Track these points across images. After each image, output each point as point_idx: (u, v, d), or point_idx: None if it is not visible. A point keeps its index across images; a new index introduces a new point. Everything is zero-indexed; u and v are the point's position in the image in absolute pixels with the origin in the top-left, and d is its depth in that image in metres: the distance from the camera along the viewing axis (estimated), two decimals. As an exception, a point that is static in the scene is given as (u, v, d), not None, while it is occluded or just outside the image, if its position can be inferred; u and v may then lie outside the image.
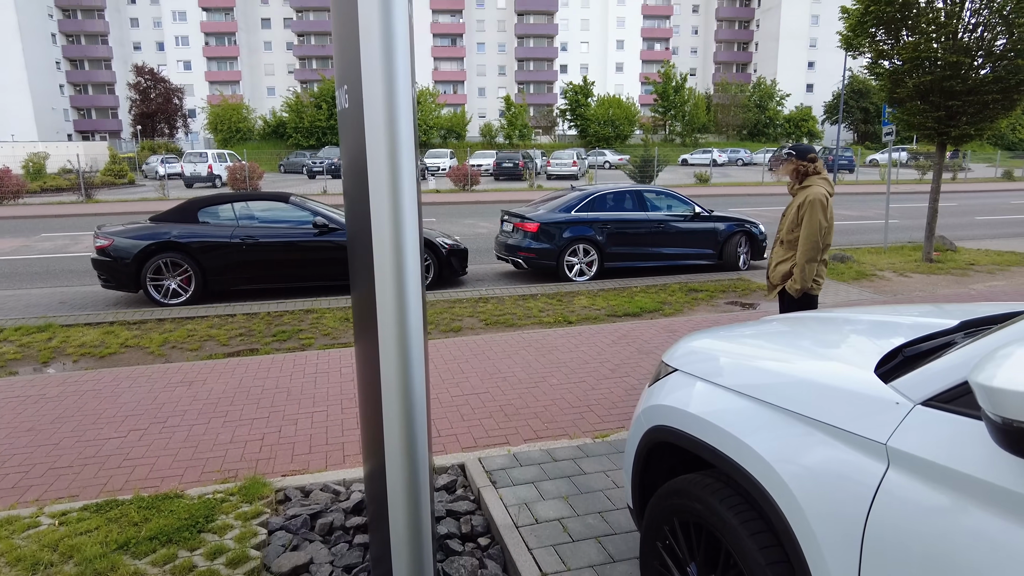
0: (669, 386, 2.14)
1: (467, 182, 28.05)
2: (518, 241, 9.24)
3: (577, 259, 9.23)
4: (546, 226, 9.05)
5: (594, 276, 9.29)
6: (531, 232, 9.08)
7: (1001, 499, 1.15)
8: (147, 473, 3.57)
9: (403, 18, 1.86)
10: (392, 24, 1.84)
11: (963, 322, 1.82)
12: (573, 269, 9.23)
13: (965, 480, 1.21)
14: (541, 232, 9.04)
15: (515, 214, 9.50)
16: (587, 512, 3.06)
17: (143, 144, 50.83)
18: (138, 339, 6.30)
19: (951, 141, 10.01)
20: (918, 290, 8.57)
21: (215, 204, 8.12)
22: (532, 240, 9.08)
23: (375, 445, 2.25)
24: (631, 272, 9.74)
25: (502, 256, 9.75)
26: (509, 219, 9.57)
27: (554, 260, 9.09)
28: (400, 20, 1.85)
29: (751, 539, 1.62)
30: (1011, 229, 15.93)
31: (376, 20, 1.83)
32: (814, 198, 4.14)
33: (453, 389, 4.84)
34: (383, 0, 1.82)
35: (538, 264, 9.18)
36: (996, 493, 1.16)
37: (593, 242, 9.22)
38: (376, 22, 1.83)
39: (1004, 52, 8.93)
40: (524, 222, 9.16)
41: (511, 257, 9.43)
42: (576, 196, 9.60)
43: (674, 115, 58.88)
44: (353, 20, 1.85)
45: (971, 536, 1.17)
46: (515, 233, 9.34)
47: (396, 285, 2.04)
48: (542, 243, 9.05)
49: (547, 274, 9.33)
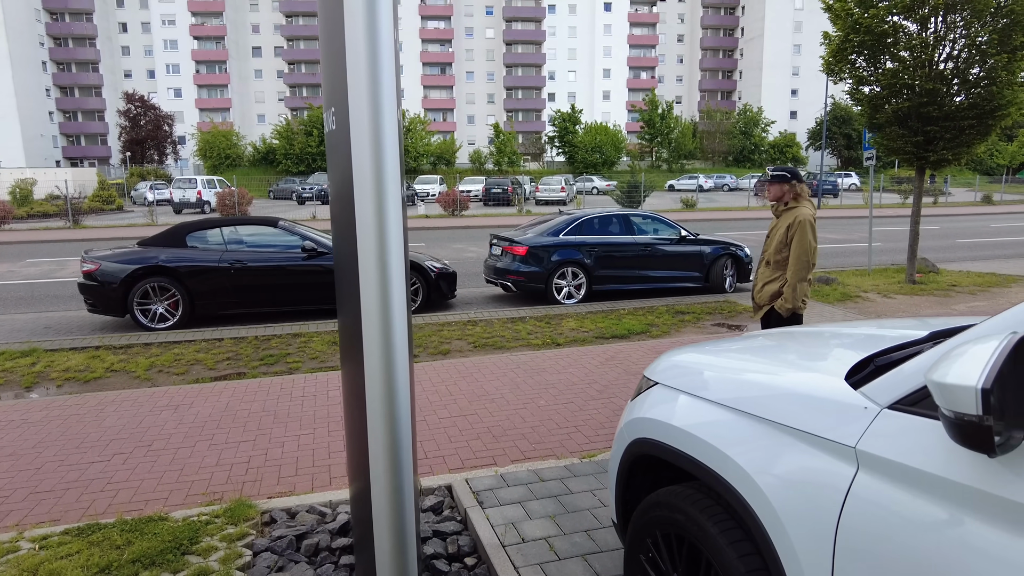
0: (651, 400, 2.17)
1: (456, 207, 28.21)
2: (507, 264, 9.30)
3: (566, 282, 9.29)
4: (534, 249, 9.12)
5: (582, 299, 9.35)
6: (520, 255, 9.12)
7: (960, 495, 1.20)
8: (131, 496, 3.54)
9: (389, 41, 1.92)
10: (378, 46, 1.90)
11: (932, 332, 1.87)
12: (562, 292, 9.28)
13: (928, 479, 1.25)
14: (530, 255, 9.09)
15: (504, 238, 9.58)
16: (574, 531, 3.06)
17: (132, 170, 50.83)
18: (124, 363, 6.26)
19: (930, 166, 10.23)
20: (902, 311, 8.68)
21: (203, 229, 8.14)
22: (521, 263, 9.13)
23: (360, 467, 2.26)
24: (619, 295, 9.82)
25: (491, 279, 9.80)
26: (498, 243, 9.65)
27: (543, 283, 9.14)
28: (386, 43, 1.91)
29: (730, 548, 1.64)
30: (991, 252, 16.21)
31: (362, 43, 1.89)
32: (803, 219, 4.23)
33: (441, 411, 4.84)
34: (369, 24, 1.89)
35: (527, 287, 9.21)
36: (955, 489, 1.20)
37: (581, 265, 9.30)
38: (362, 44, 1.89)
39: (978, 80, 9.19)
40: (513, 245, 9.22)
41: (500, 280, 9.46)
42: (564, 220, 9.69)
43: (660, 142, 59.71)
44: (340, 43, 1.91)
45: (935, 533, 1.21)
46: (504, 256, 9.40)
47: (382, 308, 2.07)
48: (531, 266, 9.11)
49: (536, 297, 9.38)
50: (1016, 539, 1.10)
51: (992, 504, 1.15)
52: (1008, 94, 9.02)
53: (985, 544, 1.14)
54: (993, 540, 1.13)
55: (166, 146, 57.82)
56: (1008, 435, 1.11)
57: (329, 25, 1.97)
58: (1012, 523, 1.11)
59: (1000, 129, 9.91)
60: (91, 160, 69.02)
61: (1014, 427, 1.11)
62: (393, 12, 1.95)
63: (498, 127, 57.26)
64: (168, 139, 57.81)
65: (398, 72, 2.00)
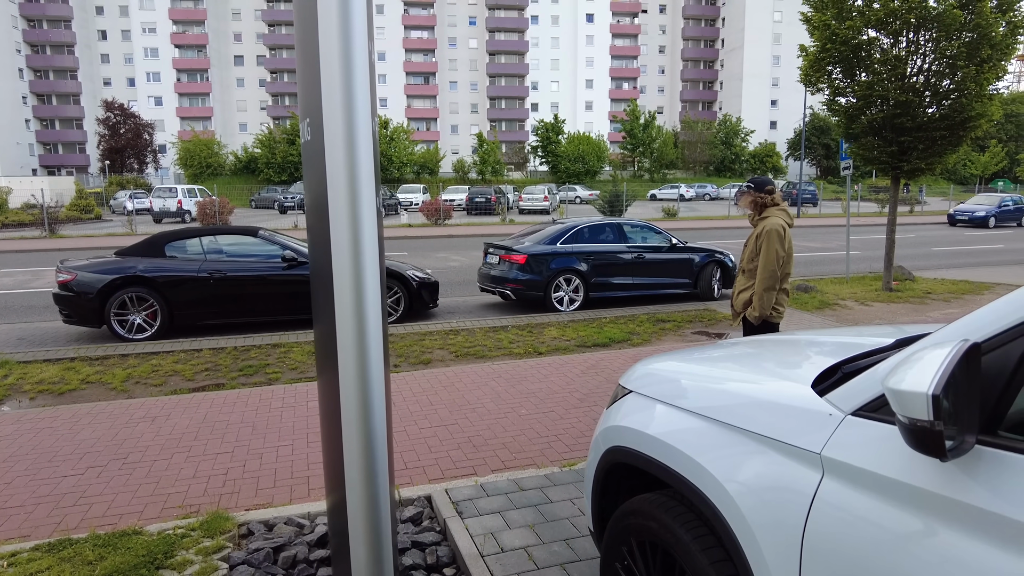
0: (625, 408, 2.19)
1: (440, 216, 28.21)
2: (505, 273, 9.34)
3: (563, 290, 9.38)
4: (533, 258, 9.21)
5: (580, 306, 9.43)
6: (519, 264, 9.18)
7: (919, 499, 1.23)
8: (104, 511, 3.48)
9: (363, 52, 1.94)
10: (352, 57, 1.92)
11: (898, 340, 1.91)
12: (560, 300, 9.36)
13: (889, 483, 1.28)
14: (528, 264, 9.18)
15: (501, 246, 9.63)
16: (553, 540, 3.06)
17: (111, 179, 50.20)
18: (100, 375, 6.17)
19: (904, 175, 10.42)
20: (879, 318, 8.81)
21: (183, 238, 8.06)
22: (519, 271, 9.19)
23: (337, 478, 2.25)
24: (614, 302, 9.89)
25: (487, 288, 9.83)
26: (494, 251, 9.68)
27: (541, 291, 9.22)
28: (360, 53, 1.93)
29: (702, 554, 1.66)
30: (964, 259, 16.52)
31: (336, 54, 1.90)
32: (771, 228, 4.29)
33: (422, 421, 4.83)
34: (343, 35, 1.90)
35: (526, 295, 9.26)
36: (915, 494, 1.23)
37: (578, 273, 9.40)
38: (336, 55, 1.90)
39: (948, 92, 9.40)
40: (511, 254, 9.26)
41: (498, 288, 9.49)
42: (560, 228, 9.80)
43: (642, 152, 60.20)
44: (314, 53, 1.92)
45: (897, 537, 1.24)
46: (501, 265, 9.45)
47: (356, 319, 2.07)
48: (529, 274, 9.19)
49: (534, 304, 9.42)
50: (971, 541, 1.13)
51: (949, 507, 1.18)
52: (977, 106, 9.23)
53: (943, 547, 1.17)
54: (950, 543, 1.16)
55: (146, 155, 57.18)
56: (960, 439, 1.14)
57: (303, 36, 1.98)
58: (967, 526, 1.14)
59: (971, 140, 10.14)
60: (69, 169, 68.08)
61: (966, 432, 1.15)
62: (368, 23, 1.97)
63: (482, 136, 57.40)
64: (148, 148, 57.18)
65: (373, 83, 2.01)
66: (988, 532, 1.11)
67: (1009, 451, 1.15)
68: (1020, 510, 1.08)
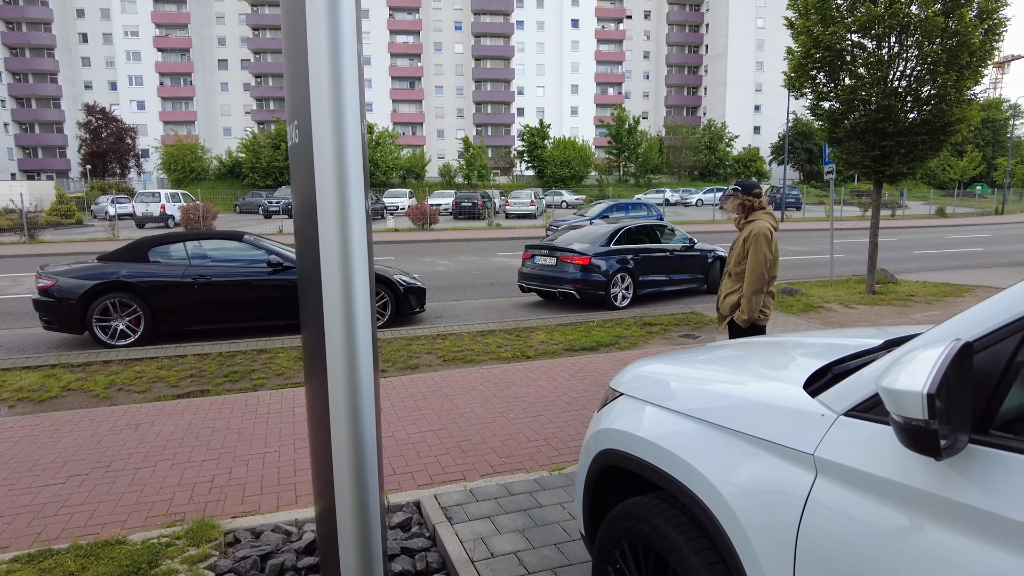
0: (616, 411, 2.19)
1: (426, 221, 28.17)
2: (566, 273, 9.86)
3: (619, 287, 9.94)
4: (595, 259, 9.77)
5: (629, 303, 10.10)
6: (582, 264, 9.74)
7: (913, 499, 1.23)
8: (87, 520, 3.42)
9: (352, 55, 1.92)
10: (341, 60, 1.90)
11: (887, 340, 1.92)
12: (617, 297, 9.92)
13: (882, 483, 1.29)
14: (592, 264, 9.72)
15: (560, 248, 10.12)
16: (543, 544, 3.05)
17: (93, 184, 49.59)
18: (82, 382, 6.07)
19: (887, 179, 10.56)
20: (863, 321, 8.90)
21: (166, 243, 7.97)
22: (583, 272, 9.73)
23: (325, 484, 2.22)
24: (655, 297, 10.76)
25: (535, 287, 10.41)
26: (551, 253, 10.18)
27: (603, 290, 9.76)
28: (349, 56, 1.91)
29: (695, 557, 1.66)
30: (946, 262, 16.76)
31: (325, 56, 1.89)
32: (758, 232, 4.31)
33: (410, 426, 4.80)
34: (332, 37, 1.88)
35: (589, 294, 9.77)
36: (908, 493, 1.24)
37: (629, 271, 10.06)
38: (325, 58, 1.89)
39: (929, 97, 9.54)
40: (574, 256, 9.81)
41: (559, 288, 9.99)
42: (610, 229, 10.47)
43: (628, 156, 60.50)
44: (303, 56, 1.90)
45: (891, 537, 1.24)
46: (560, 265, 9.98)
47: (345, 323, 2.04)
48: (593, 274, 9.74)
49: (594, 302, 9.90)
50: (965, 540, 1.13)
51: (942, 506, 1.18)
52: (957, 111, 9.38)
53: (937, 546, 1.17)
54: (944, 542, 1.17)
55: (128, 159, 56.56)
56: (954, 438, 1.15)
57: (292, 39, 1.96)
58: (960, 525, 1.15)
59: (951, 145, 10.30)
60: (49, 173, 67.18)
61: (959, 430, 1.15)
62: (357, 26, 1.95)
63: (468, 141, 57.38)
64: (131, 152, 56.57)
65: (362, 85, 1.99)
66: (981, 531, 1.12)
67: (1001, 449, 1.15)
68: (1013, 508, 1.08)
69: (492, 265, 15.86)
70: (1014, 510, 1.08)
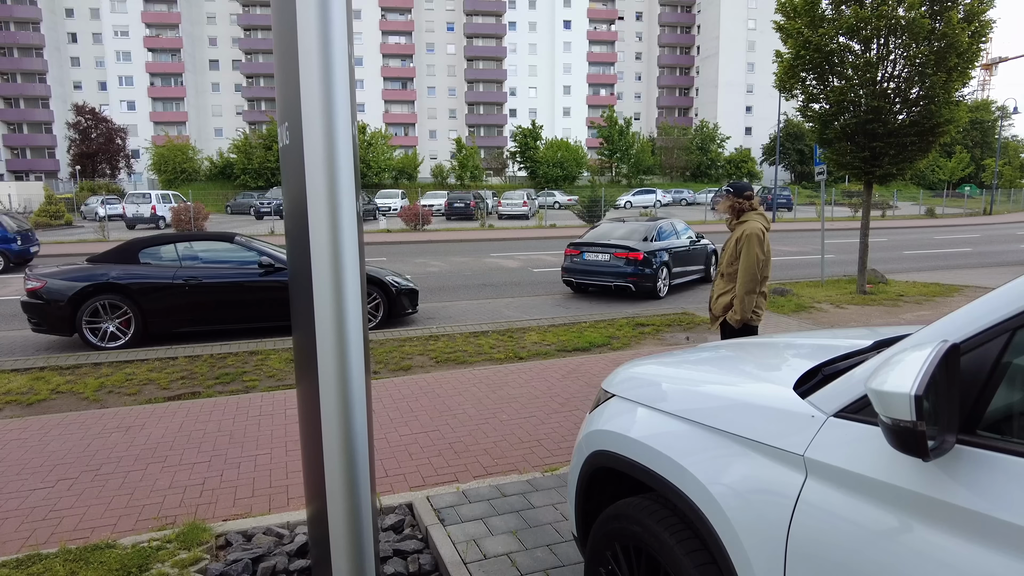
0: (608, 412, 2.19)
1: (418, 222, 28.11)
2: (621, 267, 10.91)
3: (661, 280, 11.12)
4: (648, 254, 10.89)
5: (666, 293, 11.35)
6: (637, 260, 10.82)
7: (902, 499, 1.24)
8: (76, 524, 3.39)
9: (343, 56, 1.92)
10: (331, 62, 1.90)
11: (876, 341, 1.94)
12: (659, 289, 11.06)
13: (871, 484, 1.30)
14: (645, 259, 10.82)
15: (613, 245, 11.08)
16: (536, 546, 3.05)
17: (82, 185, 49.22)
18: (71, 384, 6.02)
19: (876, 180, 10.62)
20: (853, 321, 8.96)
21: (157, 244, 7.93)
22: (638, 266, 10.80)
23: (317, 487, 2.22)
24: (681, 287, 12.05)
25: (587, 281, 11.33)
26: (605, 249, 11.11)
27: (653, 282, 10.92)
28: (340, 58, 1.91)
29: (687, 558, 1.66)
30: (935, 262, 16.88)
31: (315, 58, 1.88)
32: (751, 232, 4.33)
33: (402, 428, 4.79)
34: (323, 39, 1.88)
35: (643, 286, 10.88)
36: (897, 494, 1.25)
37: (667, 265, 11.24)
38: (315, 60, 1.88)
39: (918, 99, 9.61)
40: (631, 252, 10.89)
41: (615, 282, 10.96)
42: (652, 227, 11.69)
43: (620, 157, 60.62)
44: (293, 58, 1.90)
45: (880, 537, 1.25)
46: (615, 261, 11.00)
47: (336, 325, 2.04)
48: (646, 268, 10.82)
49: (646, 294, 10.97)
50: (952, 540, 1.14)
51: (930, 507, 1.19)
52: (945, 112, 9.45)
53: (926, 546, 1.18)
54: (932, 542, 1.17)
55: (119, 160, 56.13)
56: (942, 439, 1.16)
57: (282, 40, 1.96)
58: (948, 525, 1.16)
59: (940, 146, 10.37)
60: (38, 174, 66.58)
61: (947, 431, 1.16)
62: (348, 27, 1.95)
63: (460, 142, 57.32)
64: (121, 153, 56.14)
65: (353, 87, 1.99)
66: (969, 530, 1.13)
67: (988, 450, 1.16)
68: (999, 508, 1.09)
69: (485, 266, 15.85)
70: (1001, 510, 1.09)
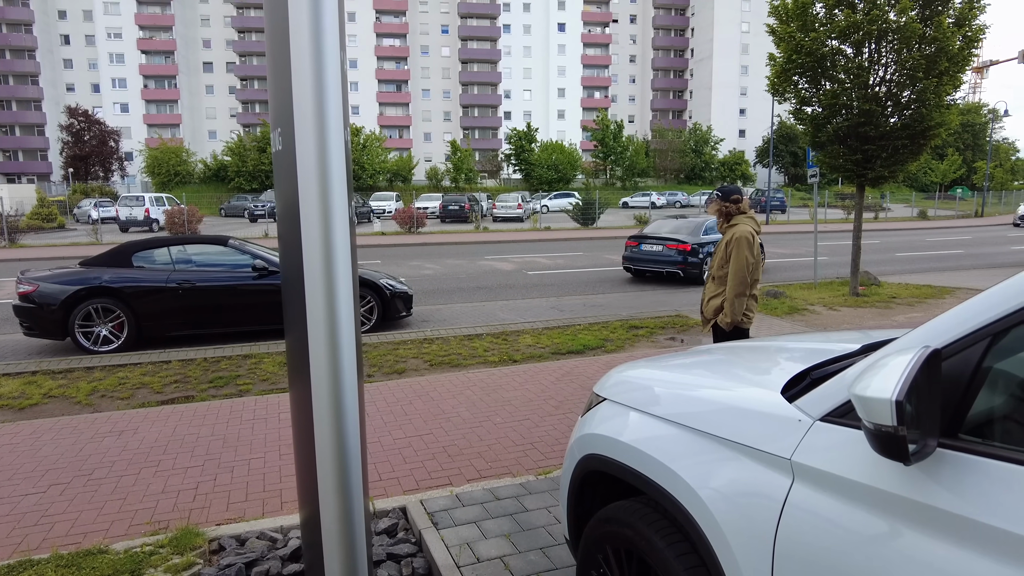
0: (599, 416, 2.21)
1: (413, 224, 28.11)
2: (672, 256, 13.02)
3: (702, 269, 12.71)
4: (696, 246, 12.85)
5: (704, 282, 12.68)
6: (686, 250, 12.88)
7: (886, 503, 1.26)
8: (68, 529, 3.38)
9: (335, 62, 1.93)
10: (324, 67, 1.90)
11: (864, 345, 1.96)
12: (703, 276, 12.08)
13: (857, 487, 1.31)
14: (692, 250, 12.84)
15: (667, 237, 13.12)
16: (529, 549, 3.06)
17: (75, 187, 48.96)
18: (64, 388, 6.00)
19: (869, 183, 10.69)
20: (846, 323, 9.00)
21: (150, 248, 7.91)
22: (687, 256, 12.89)
23: (310, 491, 2.22)
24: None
25: (643, 268, 13.47)
26: (659, 241, 13.20)
27: (699, 269, 12.80)
28: (332, 64, 1.92)
29: (677, 561, 1.68)
30: (927, 264, 16.99)
31: (308, 64, 1.89)
32: (740, 236, 4.36)
33: (396, 431, 4.79)
34: (315, 45, 1.89)
35: (691, 272, 12.86)
36: (882, 497, 1.26)
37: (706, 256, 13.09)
38: (308, 66, 1.89)
39: (909, 102, 9.68)
40: (680, 243, 12.93)
41: (667, 269, 13.07)
42: (700, 223, 13.43)
43: (614, 160, 60.77)
44: (286, 63, 1.91)
45: (865, 541, 1.26)
46: (668, 251, 13.10)
47: (329, 329, 2.05)
48: (693, 257, 12.88)
49: (694, 280, 12.78)
50: (935, 543, 1.16)
51: (914, 510, 1.21)
52: (936, 116, 9.52)
53: (910, 549, 1.20)
54: (916, 545, 1.19)
55: (112, 162, 55.85)
56: (923, 443, 1.17)
57: (275, 46, 1.97)
58: (931, 528, 1.18)
59: (931, 148, 10.45)
60: (30, 176, 66.31)
61: (928, 435, 1.18)
62: (340, 31, 1.96)
63: (455, 144, 57.36)
64: (114, 155, 55.86)
65: (346, 92, 2.00)
66: (951, 534, 1.14)
67: (969, 454, 1.18)
68: (980, 511, 1.11)
69: (479, 269, 15.87)
70: (982, 513, 1.11)
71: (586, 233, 27.51)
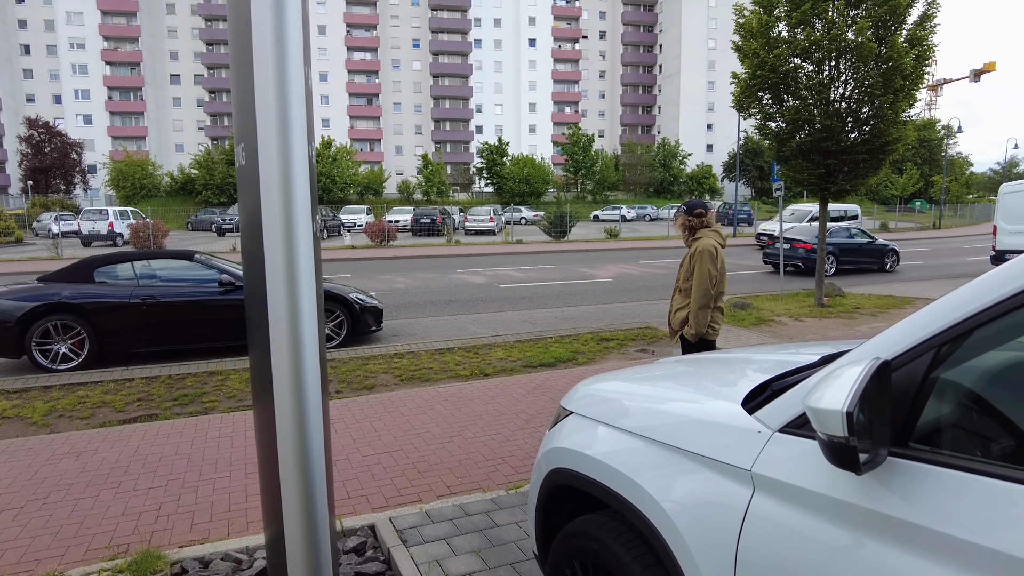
0: (566, 429, 2.21)
1: (384, 238, 27.95)
2: (797, 253, 17.00)
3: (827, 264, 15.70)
4: (815, 245, 15.01)
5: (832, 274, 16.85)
6: (807, 249, 16.64)
7: (843, 512, 1.28)
8: (20, 556, 3.26)
9: (299, 77, 1.93)
10: (287, 84, 1.90)
11: (823, 356, 2.00)
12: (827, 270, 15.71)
13: (814, 497, 1.34)
14: (813, 249, 15.89)
15: (792, 238, 16.82)
16: (498, 564, 3.04)
17: (34, 200, 47.63)
18: (18, 409, 5.80)
19: (832, 196, 10.96)
20: (811, 333, 9.18)
21: (113, 263, 7.72)
22: (808, 253, 16.58)
23: (274, 510, 2.19)
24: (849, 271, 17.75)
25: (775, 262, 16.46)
26: (787, 240, 15.89)
27: (813, 264, 15.17)
28: (295, 79, 1.92)
29: (642, 573, 1.68)
30: (889, 276, 17.44)
31: (271, 78, 1.88)
32: (703, 249, 4.43)
33: (365, 448, 4.74)
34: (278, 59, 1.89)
35: (809, 266, 16.14)
36: (838, 506, 1.29)
37: (834, 255, 16.98)
38: (271, 81, 1.88)
39: (868, 118, 9.99)
40: (803, 243, 16.85)
41: (792, 263, 16.83)
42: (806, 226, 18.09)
43: (585, 174, 61.39)
44: (249, 78, 1.90)
45: (824, 550, 1.29)
46: (794, 249, 16.98)
47: (292, 345, 2.03)
48: (811, 255, 16.16)
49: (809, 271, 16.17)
50: (889, 550, 1.19)
51: (868, 518, 1.24)
52: (894, 131, 9.84)
53: (866, 557, 1.23)
54: (871, 553, 1.22)
55: (74, 175, 54.52)
56: (874, 452, 1.20)
57: (238, 60, 1.96)
58: (885, 535, 1.20)
59: (891, 163, 10.78)
60: (-13, 189, 64.42)
61: (879, 445, 1.21)
62: (304, 48, 1.96)
63: (427, 157, 57.35)
64: (76, 168, 54.57)
65: (310, 107, 2.00)
66: (904, 541, 1.17)
67: (919, 462, 1.22)
68: (931, 518, 1.14)
69: (451, 282, 15.83)
70: (932, 520, 1.14)
71: (558, 246, 27.67)
